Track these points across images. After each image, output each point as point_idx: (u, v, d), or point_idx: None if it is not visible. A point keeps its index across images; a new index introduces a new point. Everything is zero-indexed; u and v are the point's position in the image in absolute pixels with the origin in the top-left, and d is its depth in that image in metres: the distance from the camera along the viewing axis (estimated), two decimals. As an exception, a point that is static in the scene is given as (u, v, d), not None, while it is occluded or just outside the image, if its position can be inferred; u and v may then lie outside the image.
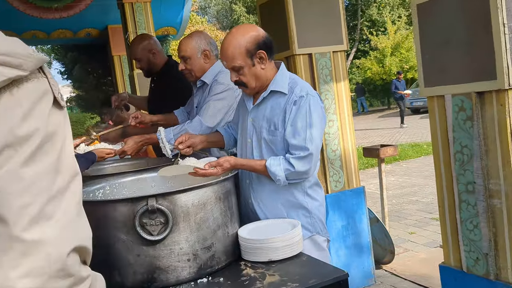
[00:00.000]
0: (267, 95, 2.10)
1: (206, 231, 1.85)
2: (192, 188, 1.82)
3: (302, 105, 2.01)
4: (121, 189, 2.30)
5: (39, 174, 0.82)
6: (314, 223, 2.15)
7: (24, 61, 0.83)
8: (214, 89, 2.68)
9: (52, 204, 0.82)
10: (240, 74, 2.07)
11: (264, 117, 2.12)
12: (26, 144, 0.80)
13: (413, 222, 5.21)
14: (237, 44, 2.02)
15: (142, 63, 3.40)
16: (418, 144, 10.77)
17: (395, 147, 4.23)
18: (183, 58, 2.74)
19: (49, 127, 0.84)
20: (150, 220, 1.75)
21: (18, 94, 0.82)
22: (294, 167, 2.00)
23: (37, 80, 0.85)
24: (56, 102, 0.87)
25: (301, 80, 2.14)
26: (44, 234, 0.80)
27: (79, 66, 10.98)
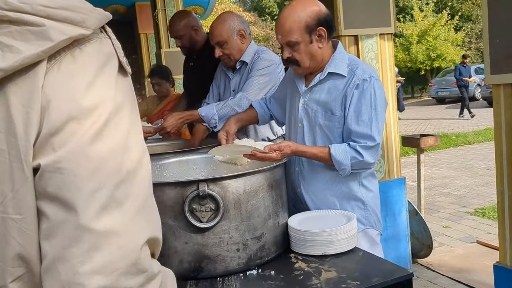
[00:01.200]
0: (324, 77, 1.95)
1: (257, 220, 1.73)
2: (245, 174, 1.70)
3: (366, 89, 1.86)
4: (162, 170, 2.18)
5: (108, 152, 0.69)
6: (368, 216, 2.02)
7: (88, 17, 0.70)
8: (257, 65, 2.55)
9: (123, 187, 0.70)
10: (294, 51, 1.92)
11: (319, 101, 1.97)
12: (92, 117, 0.68)
13: (446, 216, 5.05)
14: (296, 17, 1.87)
15: (184, 40, 3.25)
16: (446, 134, 10.51)
17: (436, 137, 4.05)
18: (218, 44, 2.59)
19: (117, 97, 0.71)
20: (200, 206, 1.63)
21: (81, 58, 0.69)
22: (362, 156, 1.86)
23: (100, 40, 0.72)
24: (122, 68, 0.74)
25: (361, 62, 1.99)
26: (116, 223, 0.69)
27: (104, 43, 10.89)
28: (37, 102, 0.66)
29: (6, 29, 0.67)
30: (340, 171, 1.91)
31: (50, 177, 0.67)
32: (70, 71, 0.68)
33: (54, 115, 0.67)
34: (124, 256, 0.69)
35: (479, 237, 4.29)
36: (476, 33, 28.36)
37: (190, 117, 2.56)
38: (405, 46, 24.42)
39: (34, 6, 0.67)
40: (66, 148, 0.67)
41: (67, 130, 0.67)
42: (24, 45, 0.66)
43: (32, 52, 0.66)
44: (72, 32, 0.68)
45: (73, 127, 0.67)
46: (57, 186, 0.67)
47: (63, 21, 0.68)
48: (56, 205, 0.68)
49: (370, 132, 1.86)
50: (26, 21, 0.66)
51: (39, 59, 0.67)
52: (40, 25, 0.67)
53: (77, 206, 0.67)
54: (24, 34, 0.66)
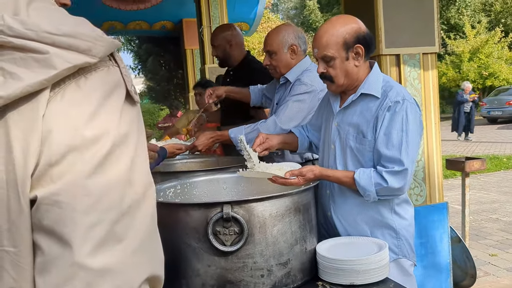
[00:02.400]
0: (357, 98, 1.89)
1: (283, 245, 1.67)
2: (271, 197, 1.65)
3: (398, 111, 1.79)
4: (192, 189, 2.17)
5: (109, 186, 0.67)
6: (401, 245, 1.92)
7: (93, 45, 0.68)
8: (296, 88, 2.49)
9: (123, 222, 0.68)
10: (329, 66, 1.87)
11: (351, 123, 1.91)
12: (93, 149, 0.66)
13: (493, 243, 4.79)
14: (335, 32, 1.84)
15: (218, 51, 3.32)
16: (497, 156, 10.07)
17: (482, 161, 3.87)
18: (268, 53, 2.57)
19: (121, 127, 0.69)
20: (223, 229, 1.60)
21: (86, 86, 0.67)
22: (387, 182, 1.77)
23: (107, 69, 0.70)
24: (129, 96, 0.72)
25: (396, 84, 1.91)
26: (113, 260, 0.66)
27: (152, 58, 11.18)
28: (37, 131, 0.64)
29: (9, 56, 0.65)
30: (365, 197, 1.83)
31: (47, 209, 0.65)
32: (74, 100, 0.66)
33: (55, 145, 0.65)
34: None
35: (528, 268, 4.04)
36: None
37: (221, 137, 2.57)
38: (455, 63, 23.73)
39: (39, 33, 0.65)
40: (64, 180, 0.65)
41: (66, 162, 0.65)
42: (26, 72, 0.64)
43: (35, 80, 0.64)
44: (76, 60, 0.66)
45: (73, 158, 0.65)
46: (54, 220, 0.65)
47: (68, 48, 0.66)
48: (52, 239, 0.65)
49: (399, 156, 1.77)
50: (30, 48, 0.65)
51: (41, 87, 0.65)
52: (44, 53, 0.65)
53: (72, 242, 0.64)
54: (27, 61, 0.65)
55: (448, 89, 24.83)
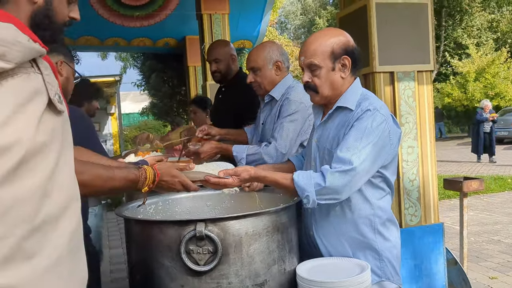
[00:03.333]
0: (333, 111, 1.86)
1: (260, 265, 1.61)
2: (247, 215, 1.61)
3: (364, 119, 1.74)
4: (174, 206, 2.12)
5: (20, 197, 0.63)
6: (383, 267, 1.85)
7: (9, 50, 0.64)
8: (286, 108, 2.45)
9: (35, 238, 0.63)
10: (314, 75, 1.83)
11: (328, 137, 1.87)
12: (4, 158, 0.62)
13: (494, 265, 4.68)
14: (323, 41, 1.82)
15: (221, 65, 3.26)
16: (501, 177, 9.94)
17: (481, 181, 3.79)
18: (252, 70, 2.54)
19: (38, 136, 0.65)
20: (197, 248, 1.55)
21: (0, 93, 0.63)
22: (325, 181, 1.68)
23: (27, 76, 0.67)
24: (52, 105, 0.68)
25: (374, 97, 1.87)
26: (20, 279, 0.61)
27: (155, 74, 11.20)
28: None
29: None
30: (304, 201, 1.72)
31: None
32: None
33: None
34: None
35: (529, 291, 3.93)
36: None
37: (225, 151, 2.57)
38: (461, 84, 23.66)
39: None
40: None
41: None
42: None
43: None
44: None
45: None
46: None
47: None
48: None
49: (349, 156, 1.69)
50: None
51: None
52: None
53: None
54: None
55: (454, 108, 24.74)
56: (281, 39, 20.43)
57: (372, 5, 3.01)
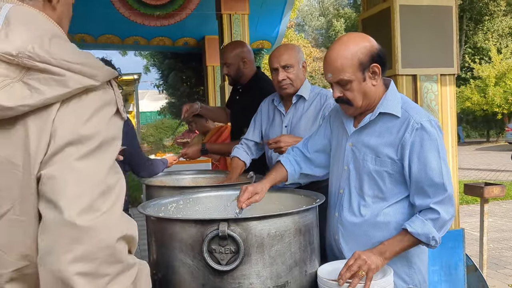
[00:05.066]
0: (375, 117, 1.80)
1: (281, 267, 1.61)
2: (270, 216, 1.60)
3: (429, 134, 1.70)
4: (194, 204, 2.13)
5: (95, 169, 0.89)
6: (412, 274, 1.82)
7: (98, 72, 0.93)
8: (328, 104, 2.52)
9: (103, 198, 0.89)
10: (346, 90, 1.78)
11: (368, 144, 1.82)
12: (87, 143, 0.89)
13: (513, 273, 4.61)
14: (348, 54, 1.74)
15: (231, 69, 3.25)
16: (521, 183, 9.78)
17: (502, 187, 3.73)
18: (284, 67, 2.53)
19: (109, 131, 0.94)
20: (219, 247, 1.54)
21: (86, 100, 0.92)
22: (439, 213, 1.67)
23: (104, 90, 0.95)
24: (118, 112, 0.97)
25: (413, 103, 1.84)
26: (95, 221, 0.86)
27: (174, 73, 11.25)
28: (48, 130, 0.88)
29: (35, 76, 0.89)
30: (432, 243, 1.71)
31: (45, 183, 0.87)
32: (75, 109, 0.90)
33: (58, 140, 0.88)
34: (103, 247, 0.86)
35: (550, 301, 3.86)
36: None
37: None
38: (481, 88, 23.35)
39: (59, 60, 0.89)
40: (61, 163, 0.87)
41: (65, 151, 0.88)
42: (47, 89, 0.88)
43: (53, 95, 0.88)
44: (85, 82, 0.91)
45: (71, 149, 0.88)
46: (51, 190, 0.86)
47: (79, 73, 0.90)
48: (49, 206, 0.86)
49: (442, 181, 1.68)
50: (51, 71, 0.88)
51: (57, 101, 0.89)
52: (61, 75, 0.89)
53: (63, 207, 0.85)
54: (48, 81, 0.88)
55: (472, 112, 24.42)
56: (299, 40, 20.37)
57: (396, 7, 2.99)
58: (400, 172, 1.77)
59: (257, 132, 2.82)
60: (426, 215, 1.69)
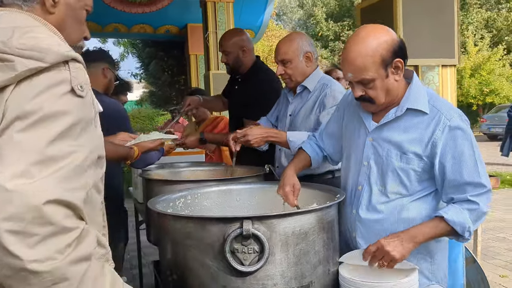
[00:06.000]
0: (401, 113, 1.71)
1: (306, 266, 1.53)
2: (294, 213, 1.52)
3: (462, 131, 1.64)
4: (202, 200, 2.03)
5: (33, 141, 0.96)
6: (435, 270, 1.77)
7: (46, 55, 1.00)
8: (332, 100, 2.38)
9: (40, 166, 0.95)
10: (368, 88, 1.69)
11: (392, 140, 1.73)
12: (30, 117, 0.96)
13: (503, 263, 4.66)
14: (369, 51, 1.62)
15: (230, 58, 3.15)
16: (500, 174, 9.94)
17: (497, 178, 3.74)
18: (282, 62, 2.44)
19: (54, 106, 0.99)
20: (242, 247, 1.46)
21: (36, 80, 0.99)
22: (478, 204, 1.61)
23: (57, 71, 1.02)
24: (73, 91, 1.03)
25: (440, 97, 1.77)
26: (25, 187, 0.92)
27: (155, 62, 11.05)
28: (1, 109, 0.98)
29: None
30: (465, 234, 1.63)
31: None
32: (25, 89, 0.99)
33: (7, 116, 0.97)
34: (29, 210, 0.92)
35: (541, 291, 3.90)
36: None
37: (276, 136, 2.32)
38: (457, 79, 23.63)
39: (13, 49, 1.00)
40: (4, 136, 0.96)
41: (11, 126, 0.96)
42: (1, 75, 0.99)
43: (3, 79, 0.98)
44: (32, 65, 0.99)
45: (15, 123, 0.96)
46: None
47: (29, 57, 0.99)
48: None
49: (480, 179, 1.62)
50: (5, 58, 0.99)
51: (8, 83, 0.99)
52: (11, 61, 0.99)
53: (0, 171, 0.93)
54: (2, 67, 0.99)
55: (448, 104, 24.74)
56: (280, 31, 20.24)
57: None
58: (427, 169, 1.71)
59: (275, 114, 2.78)
60: (462, 205, 1.63)
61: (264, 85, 3.06)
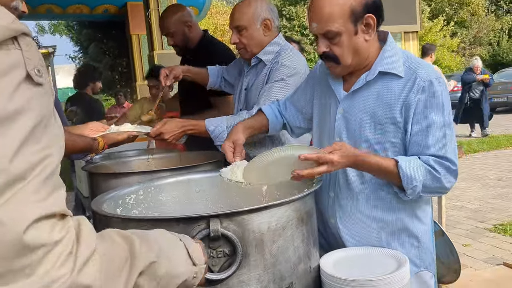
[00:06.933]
0: (373, 78, 1.52)
1: (285, 266, 1.31)
2: (269, 206, 1.28)
3: (436, 95, 1.45)
4: (157, 194, 1.76)
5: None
6: (423, 255, 1.61)
7: None
8: (277, 73, 2.10)
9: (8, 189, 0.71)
10: (333, 44, 1.49)
11: (364, 109, 1.54)
12: None
13: (464, 232, 4.66)
14: (339, 0, 1.45)
15: (177, 38, 2.86)
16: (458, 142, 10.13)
17: (460, 148, 3.66)
18: (237, 29, 2.18)
19: (10, 105, 0.72)
20: (210, 250, 1.21)
21: None
22: (439, 173, 1.44)
23: (5, 52, 0.75)
24: (30, 77, 0.76)
25: (420, 59, 1.57)
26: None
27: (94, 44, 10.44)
28: None
29: None
30: (408, 191, 1.45)
31: None
32: None
33: None
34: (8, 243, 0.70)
35: (504, 257, 3.90)
36: (470, 39, 28.23)
37: (194, 128, 2.11)
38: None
39: None
40: None
41: None
42: None
43: None
44: None
45: None
46: None
47: None
48: None
49: (445, 153, 1.45)
50: None
51: None
52: None
53: None
54: None
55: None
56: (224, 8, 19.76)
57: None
58: (405, 141, 1.52)
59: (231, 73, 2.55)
60: (425, 165, 1.45)
61: (216, 57, 2.79)
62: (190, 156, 2.51)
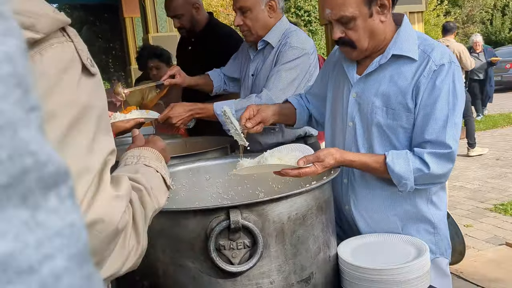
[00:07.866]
0: (386, 61, 1.48)
1: (305, 256, 1.28)
2: (289, 196, 1.24)
3: (444, 78, 1.40)
4: (166, 182, 1.71)
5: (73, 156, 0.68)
6: (439, 241, 1.59)
7: (37, 21, 0.68)
8: (286, 55, 2.05)
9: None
10: (348, 29, 1.44)
11: (377, 93, 1.49)
12: (52, 123, 0.67)
13: (465, 213, 4.66)
14: None
15: (184, 20, 2.76)
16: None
17: (462, 129, 3.63)
18: (241, 10, 2.10)
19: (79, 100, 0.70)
20: (230, 242, 1.18)
21: (41, 64, 0.68)
22: (429, 168, 1.40)
23: (61, 45, 0.71)
24: (86, 69, 0.73)
25: (436, 42, 1.53)
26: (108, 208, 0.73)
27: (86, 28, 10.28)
28: None
29: None
30: (400, 187, 1.45)
31: None
32: None
33: None
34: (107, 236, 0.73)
35: (505, 237, 3.91)
36: (463, 18, 28.09)
37: (202, 111, 2.06)
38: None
39: None
40: None
41: None
42: None
43: None
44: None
45: None
46: None
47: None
48: None
49: (444, 138, 1.41)
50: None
51: None
52: None
53: None
54: None
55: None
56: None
57: None
58: None
59: (232, 69, 2.47)
60: (415, 162, 1.42)
61: (226, 39, 2.73)
62: (196, 142, 2.46)
